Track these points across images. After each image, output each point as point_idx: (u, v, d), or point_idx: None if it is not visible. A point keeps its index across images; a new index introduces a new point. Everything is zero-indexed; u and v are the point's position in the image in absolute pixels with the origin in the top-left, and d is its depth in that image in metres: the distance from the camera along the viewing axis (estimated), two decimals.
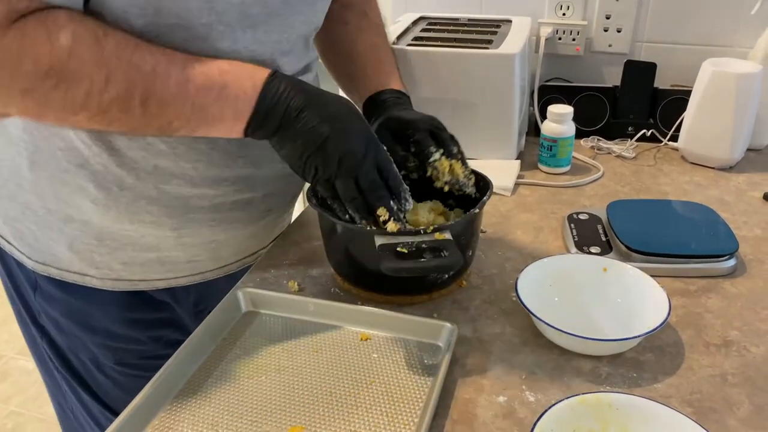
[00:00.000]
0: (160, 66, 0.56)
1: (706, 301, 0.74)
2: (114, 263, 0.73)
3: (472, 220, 0.71)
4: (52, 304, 0.75)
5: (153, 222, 0.70)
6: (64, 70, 0.53)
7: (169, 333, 0.80)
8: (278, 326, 0.70)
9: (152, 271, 0.75)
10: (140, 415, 0.57)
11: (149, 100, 0.56)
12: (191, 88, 0.57)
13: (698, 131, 1.07)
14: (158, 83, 0.56)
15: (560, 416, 0.53)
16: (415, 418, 0.57)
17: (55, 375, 0.81)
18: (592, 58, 1.28)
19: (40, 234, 0.72)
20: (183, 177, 0.68)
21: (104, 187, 0.68)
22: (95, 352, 0.77)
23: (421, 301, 0.74)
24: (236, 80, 0.59)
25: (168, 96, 0.57)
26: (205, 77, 0.58)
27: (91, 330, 0.76)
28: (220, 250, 0.77)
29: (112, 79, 0.54)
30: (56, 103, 0.55)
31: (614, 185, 1.03)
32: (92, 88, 0.54)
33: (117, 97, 0.55)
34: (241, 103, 0.59)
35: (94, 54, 0.54)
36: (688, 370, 0.63)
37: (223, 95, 0.58)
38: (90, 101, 0.55)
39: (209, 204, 0.72)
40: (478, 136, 1.05)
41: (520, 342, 0.68)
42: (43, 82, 0.53)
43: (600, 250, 0.81)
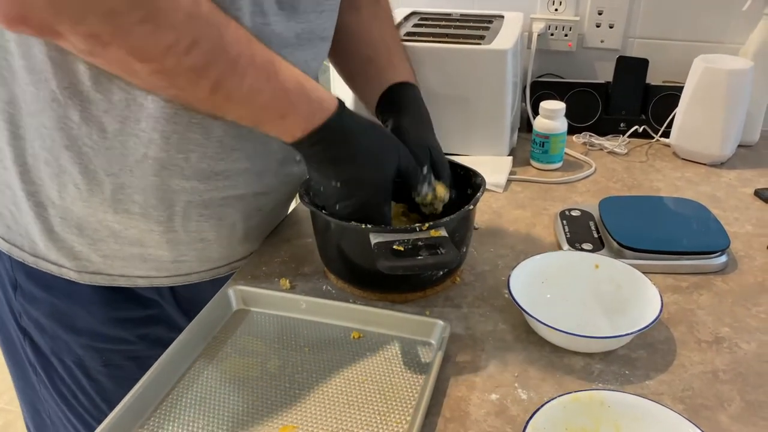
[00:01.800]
0: (243, 59, 0.54)
1: (697, 298, 0.74)
2: (94, 255, 0.70)
3: (466, 216, 0.71)
4: (34, 304, 0.73)
5: (139, 213, 0.68)
6: (156, 6, 0.48)
7: (158, 331, 0.77)
8: (270, 324, 0.70)
9: (134, 267, 0.72)
10: (130, 414, 0.56)
11: (219, 89, 0.54)
12: (258, 101, 0.57)
13: (690, 127, 1.07)
14: (235, 78, 0.54)
15: (553, 414, 0.53)
16: (408, 416, 0.57)
17: (32, 379, 0.78)
18: (584, 53, 1.28)
19: (19, 216, 0.69)
20: (173, 168, 0.66)
21: (90, 171, 0.65)
22: (80, 354, 0.75)
23: (415, 298, 0.73)
24: (295, 115, 0.59)
25: (237, 95, 0.55)
26: (274, 98, 0.57)
27: (76, 331, 0.74)
28: (208, 250, 0.75)
29: (199, 44, 0.51)
30: (133, 40, 0.49)
31: (606, 181, 1.04)
32: (177, 43, 0.50)
33: (195, 67, 0.52)
34: (287, 133, 0.61)
35: (189, 5, 0.50)
36: (679, 367, 0.64)
37: (279, 122, 0.60)
38: (167, 56, 0.50)
39: (199, 199, 0.70)
40: (471, 132, 1.05)
41: (512, 339, 0.68)
42: (130, 10, 0.47)
43: (592, 247, 0.81)
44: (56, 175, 0.65)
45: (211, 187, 0.70)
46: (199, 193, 0.69)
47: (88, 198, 0.66)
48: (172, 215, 0.70)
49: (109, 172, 0.65)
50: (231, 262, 0.79)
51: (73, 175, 0.65)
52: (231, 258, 0.79)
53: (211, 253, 0.76)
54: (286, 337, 0.68)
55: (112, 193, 0.66)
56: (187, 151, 0.66)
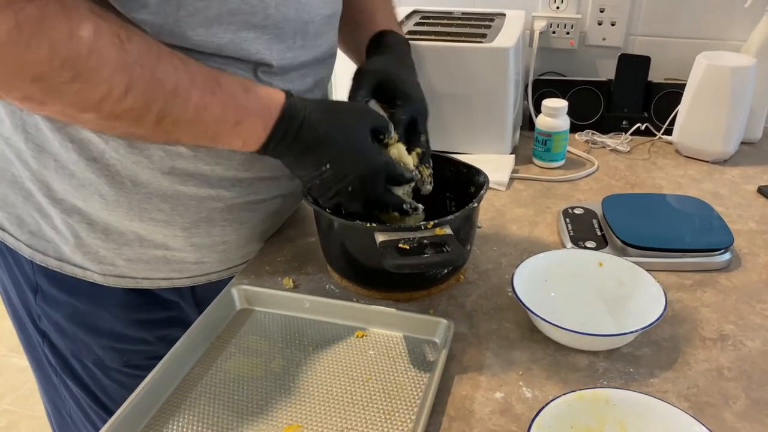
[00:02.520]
0: (182, 85, 0.54)
1: (701, 296, 0.74)
2: (118, 259, 0.71)
3: (470, 214, 0.71)
4: (55, 307, 0.73)
5: (164, 221, 0.69)
6: (82, 66, 0.49)
7: (177, 332, 0.77)
8: (273, 324, 0.70)
9: (157, 269, 0.73)
10: (135, 413, 0.57)
11: (165, 119, 0.55)
12: (208, 116, 0.57)
13: (692, 125, 1.07)
14: (177, 104, 0.55)
15: (557, 412, 0.53)
16: (412, 415, 0.57)
17: (53, 379, 0.79)
18: (586, 51, 1.28)
19: (44, 222, 0.70)
20: (200, 178, 0.67)
21: (117, 183, 0.65)
22: (101, 354, 0.76)
23: (419, 297, 0.73)
24: (250, 118, 0.59)
25: (184, 119, 0.56)
26: (223, 108, 0.57)
27: (98, 333, 0.74)
28: (229, 251, 0.76)
29: (133, 89, 0.52)
30: (66, 98, 0.51)
31: (609, 179, 1.03)
32: (110, 93, 0.51)
33: (133, 108, 0.53)
34: (250, 138, 0.60)
35: (116, 56, 0.51)
36: (684, 365, 0.64)
37: (236, 130, 0.59)
38: (104, 105, 0.52)
39: (224, 205, 0.71)
40: (473, 131, 1.05)
41: (516, 337, 0.67)
42: (58, 73, 0.49)
43: (595, 245, 0.81)
44: (81, 186, 0.66)
45: (236, 194, 0.71)
46: (225, 200, 0.71)
47: (114, 208, 0.67)
48: (197, 222, 0.71)
49: (136, 182, 0.66)
50: (248, 260, 0.81)
51: (99, 187, 0.66)
52: (248, 256, 0.81)
53: (230, 254, 0.77)
54: (290, 336, 0.68)
55: (138, 203, 0.67)
56: (214, 164, 0.67)
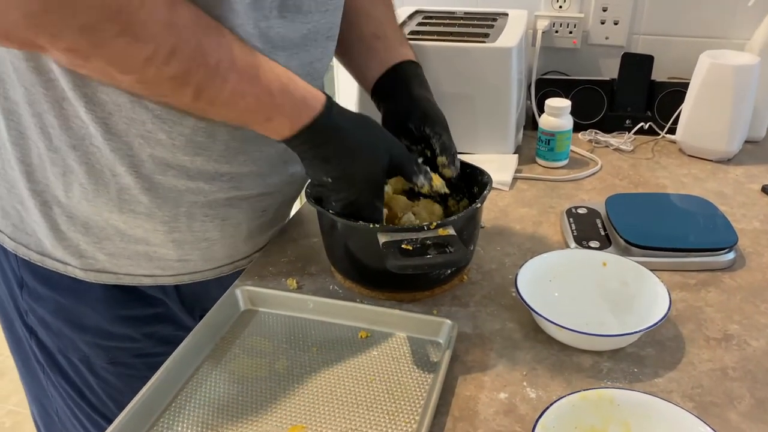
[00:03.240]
0: (223, 64, 0.54)
1: (705, 295, 0.74)
2: (99, 254, 0.71)
3: (473, 215, 0.71)
4: (40, 302, 0.73)
5: (144, 213, 0.68)
6: (132, 19, 0.48)
7: (163, 329, 0.78)
8: (277, 324, 0.70)
9: (139, 266, 0.73)
10: (140, 414, 0.56)
11: (202, 95, 0.55)
12: (242, 104, 0.57)
13: (696, 123, 1.07)
14: (216, 83, 0.54)
15: (562, 413, 0.53)
16: (416, 416, 0.57)
17: (40, 376, 0.78)
18: (589, 50, 1.28)
19: (26, 214, 0.69)
20: (179, 169, 0.67)
21: (96, 171, 0.65)
22: (86, 351, 0.75)
23: (422, 297, 0.73)
24: (280, 117, 0.59)
25: (219, 100, 0.56)
26: (257, 101, 0.57)
27: (82, 329, 0.74)
28: (213, 250, 0.75)
29: (178, 53, 0.51)
30: (112, 52, 0.50)
31: (612, 179, 1.03)
32: (156, 54, 0.50)
33: (175, 76, 0.52)
34: (275, 133, 0.61)
35: (166, 15, 0.50)
36: (688, 365, 0.63)
37: (264, 124, 0.60)
38: (148, 67, 0.51)
39: (204, 199, 0.70)
40: (476, 131, 1.05)
41: (520, 338, 0.67)
42: (107, 24, 0.47)
43: (599, 245, 0.81)
44: (62, 174, 0.66)
45: (216, 188, 0.70)
46: (204, 193, 0.70)
47: (94, 198, 0.67)
48: (177, 215, 0.70)
49: (114, 172, 0.66)
50: (235, 261, 0.80)
51: (79, 175, 0.65)
52: (235, 257, 0.79)
53: (215, 253, 0.76)
54: (294, 337, 0.68)
55: (117, 193, 0.67)
56: (193, 154, 0.66)
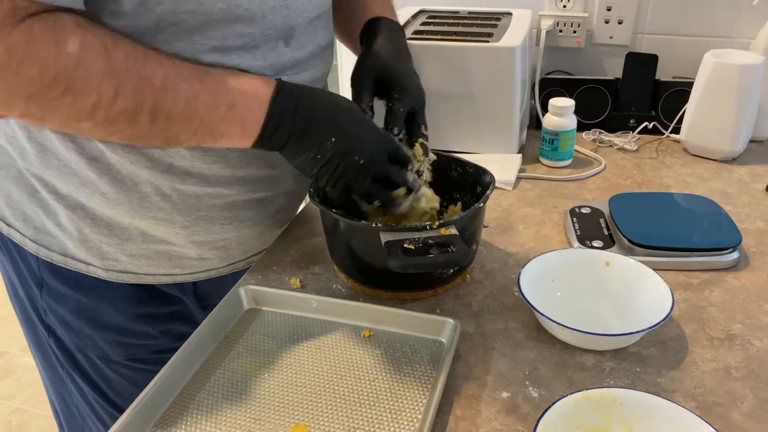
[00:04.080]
0: (170, 80, 0.56)
1: (709, 295, 0.74)
2: (121, 255, 0.73)
3: (476, 214, 0.71)
4: (60, 301, 0.75)
5: (164, 219, 0.70)
6: (71, 79, 0.52)
7: (180, 326, 0.80)
8: (281, 323, 0.70)
9: (159, 265, 0.75)
10: (144, 412, 0.57)
11: (158, 115, 0.56)
12: (200, 105, 0.57)
13: (700, 123, 1.07)
14: (168, 98, 0.56)
15: (564, 412, 0.53)
16: (419, 415, 0.57)
17: (60, 372, 0.80)
18: (593, 50, 1.28)
19: (47, 218, 0.71)
20: (198, 176, 0.68)
21: (117, 181, 0.67)
22: (105, 348, 0.77)
23: (425, 296, 0.73)
24: (243, 98, 0.59)
25: (176, 111, 0.57)
26: (214, 94, 0.58)
27: (102, 327, 0.75)
28: (230, 248, 0.77)
29: (122, 92, 0.54)
30: (61, 111, 0.54)
31: (616, 178, 1.03)
32: (100, 100, 0.53)
33: (125, 110, 0.55)
34: (247, 122, 0.60)
35: (103, 65, 0.53)
36: (691, 365, 0.63)
37: (230, 114, 0.59)
38: (97, 112, 0.54)
39: (222, 203, 0.72)
40: (479, 130, 1.05)
41: (523, 337, 0.68)
42: (49, 89, 0.52)
43: (602, 244, 0.81)
44: (83, 185, 0.68)
45: (234, 192, 0.72)
46: (223, 197, 0.72)
47: (116, 206, 0.69)
48: (197, 219, 0.72)
49: (135, 181, 0.67)
50: (248, 257, 0.82)
51: (100, 185, 0.67)
52: (248, 253, 0.82)
53: (231, 251, 0.78)
54: (297, 336, 0.68)
55: (138, 202, 0.69)
56: (211, 162, 0.68)
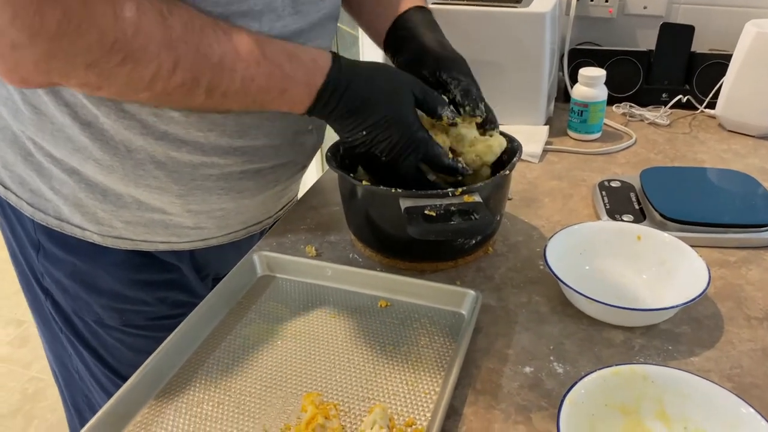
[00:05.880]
0: (227, 59, 0.56)
1: (746, 273, 0.70)
2: (116, 221, 0.70)
3: (501, 182, 0.67)
4: (56, 265, 0.73)
5: (159, 188, 0.68)
6: (130, 47, 0.51)
7: (176, 294, 0.77)
8: (295, 291, 0.67)
9: (155, 233, 0.72)
10: (152, 375, 0.55)
11: (214, 91, 0.56)
12: (254, 87, 0.58)
13: (738, 97, 1.02)
14: (225, 77, 0.56)
15: (592, 388, 0.50)
16: (437, 387, 0.54)
17: (59, 336, 0.79)
18: (626, 20, 1.22)
19: (42, 182, 0.69)
20: (193, 144, 0.66)
21: (111, 147, 0.65)
22: (101, 314, 0.75)
23: (445, 268, 0.70)
24: (295, 85, 0.60)
25: (232, 90, 0.57)
26: (268, 78, 0.58)
27: (97, 292, 0.74)
28: (228, 218, 0.75)
29: (180, 65, 0.53)
30: (120, 80, 0.53)
31: (647, 153, 0.99)
32: (160, 70, 0.53)
33: (183, 83, 0.54)
34: (296, 105, 0.61)
35: (161, 34, 0.52)
36: (727, 344, 0.60)
37: (282, 97, 0.60)
38: (156, 83, 0.54)
39: (218, 173, 0.69)
40: (506, 100, 1.01)
41: (547, 311, 0.64)
42: (108, 57, 0.50)
43: (633, 219, 0.77)
44: (77, 150, 0.65)
45: (231, 162, 0.69)
46: (219, 167, 0.69)
47: (109, 173, 0.66)
48: (192, 189, 0.69)
49: (130, 148, 0.65)
50: (248, 226, 0.79)
51: (93, 151, 0.65)
52: (248, 223, 0.79)
53: (229, 221, 0.76)
54: (312, 304, 0.65)
55: (133, 169, 0.66)
56: (207, 130, 0.66)
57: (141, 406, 0.53)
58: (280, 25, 0.62)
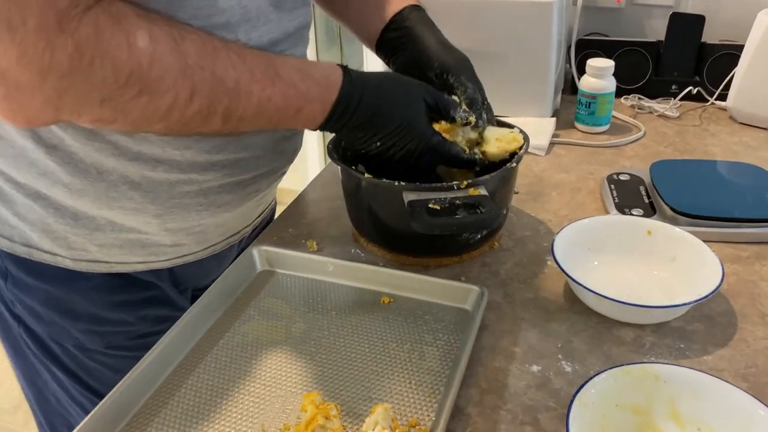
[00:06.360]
0: (243, 82, 0.53)
1: (760, 269, 0.68)
2: (90, 245, 0.66)
3: (507, 175, 0.66)
4: (27, 292, 0.69)
5: (134, 208, 0.64)
6: (147, 78, 0.48)
7: (157, 310, 0.73)
8: (295, 286, 0.66)
9: (132, 254, 0.68)
10: (149, 373, 0.54)
11: (231, 117, 0.54)
12: (270, 108, 0.56)
13: (750, 89, 0.99)
14: (241, 101, 0.54)
15: (602, 388, 0.48)
16: (441, 386, 0.53)
17: (33, 361, 0.74)
18: (634, 10, 1.20)
19: (6, 208, 0.65)
20: (170, 163, 0.62)
21: (81, 171, 0.60)
22: (80, 338, 0.71)
23: (450, 263, 0.69)
24: (310, 105, 0.58)
25: (249, 114, 0.55)
26: (284, 98, 0.56)
27: (74, 317, 0.69)
28: (207, 233, 0.71)
29: (197, 93, 0.51)
30: (136, 113, 0.50)
31: (656, 146, 0.97)
32: (176, 100, 0.50)
33: (200, 111, 0.52)
34: (309, 123, 0.60)
35: (176, 62, 0.49)
36: (741, 342, 0.58)
37: (296, 116, 0.58)
38: (172, 114, 0.51)
39: (197, 189, 0.65)
40: (511, 92, 0.99)
41: (555, 308, 0.63)
42: (123, 90, 0.48)
43: (642, 213, 0.75)
44: (42, 175, 0.61)
45: (210, 177, 0.66)
46: (198, 183, 0.65)
47: (80, 197, 0.62)
48: (171, 208, 0.66)
49: (101, 170, 0.61)
50: (227, 238, 0.76)
51: (62, 176, 0.61)
52: (227, 234, 0.75)
53: (208, 235, 0.72)
54: (313, 300, 0.64)
55: (105, 191, 0.62)
56: (183, 148, 0.62)
57: (137, 404, 0.52)
58: (256, 36, 0.60)
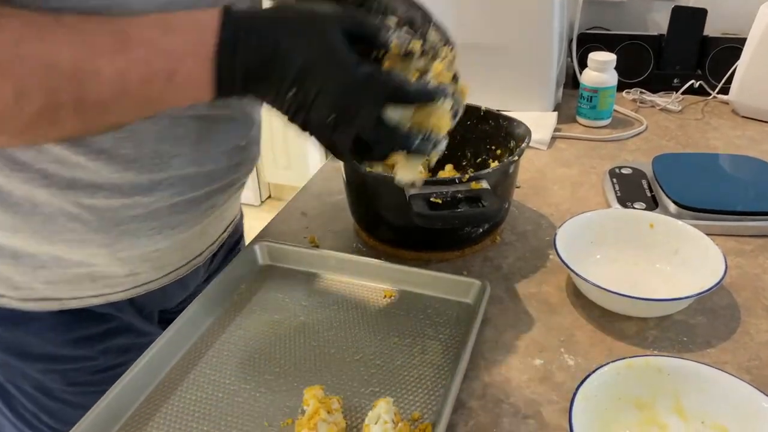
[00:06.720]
0: (83, 59, 0.43)
1: (763, 262, 0.68)
2: (36, 283, 0.60)
3: (508, 168, 0.65)
4: None
5: (78, 240, 0.58)
6: None
7: (120, 340, 0.67)
8: (297, 281, 0.66)
9: (83, 288, 0.62)
10: (150, 367, 0.54)
11: (85, 106, 0.45)
12: (132, 82, 0.45)
13: (752, 82, 0.99)
14: (87, 84, 0.44)
15: (605, 381, 0.48)
16: (443, 380, 0.53)
17: None
18: (636, 4, 1.19)
19: None
20: (110, 188, 0.56)
21: (10, 206, 0.54)
22: (40, 378, 0.65)
23: (452, 257, 0.69)
24: (181, 61, 0.45)
25: (107, 96, 0.45)
26: (145, 65, 0.44)
27: (31, 358, 0.63)
28: (164, 258, 0.65)
29: (26, 88, 0.42)
30: None
31: (658, 139, 0.96)
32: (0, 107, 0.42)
33: (39, 111, 0.43)
34: (198, 89, 0.47)
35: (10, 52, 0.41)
36: (744, 335, 0.58)
37: (174, 83, 0.46)
38: (5, 123, 0.44)
39: (144, 212, 0.59)
40: (512, 85, 0.99)
41: (557, 302, 0.62)
42: None
43: (645, 206, 0.75)
44: None
45: (156, 198, 0.59)
46: (144, 206, 0.59)
47: (14, 234, 0.57)
48: (118, 235, 0.59)
49: (34, 203, 0.55)
50: (190, 260, 0.69)
51: None
52: (189, 257, 0.69)
53: (165, 261, 0.66)
54: (314, 294, 0.64)
55: (42, 225, 0.56)
56: (122, 170, 0.56)
57: (137, 400, 0.52)
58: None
